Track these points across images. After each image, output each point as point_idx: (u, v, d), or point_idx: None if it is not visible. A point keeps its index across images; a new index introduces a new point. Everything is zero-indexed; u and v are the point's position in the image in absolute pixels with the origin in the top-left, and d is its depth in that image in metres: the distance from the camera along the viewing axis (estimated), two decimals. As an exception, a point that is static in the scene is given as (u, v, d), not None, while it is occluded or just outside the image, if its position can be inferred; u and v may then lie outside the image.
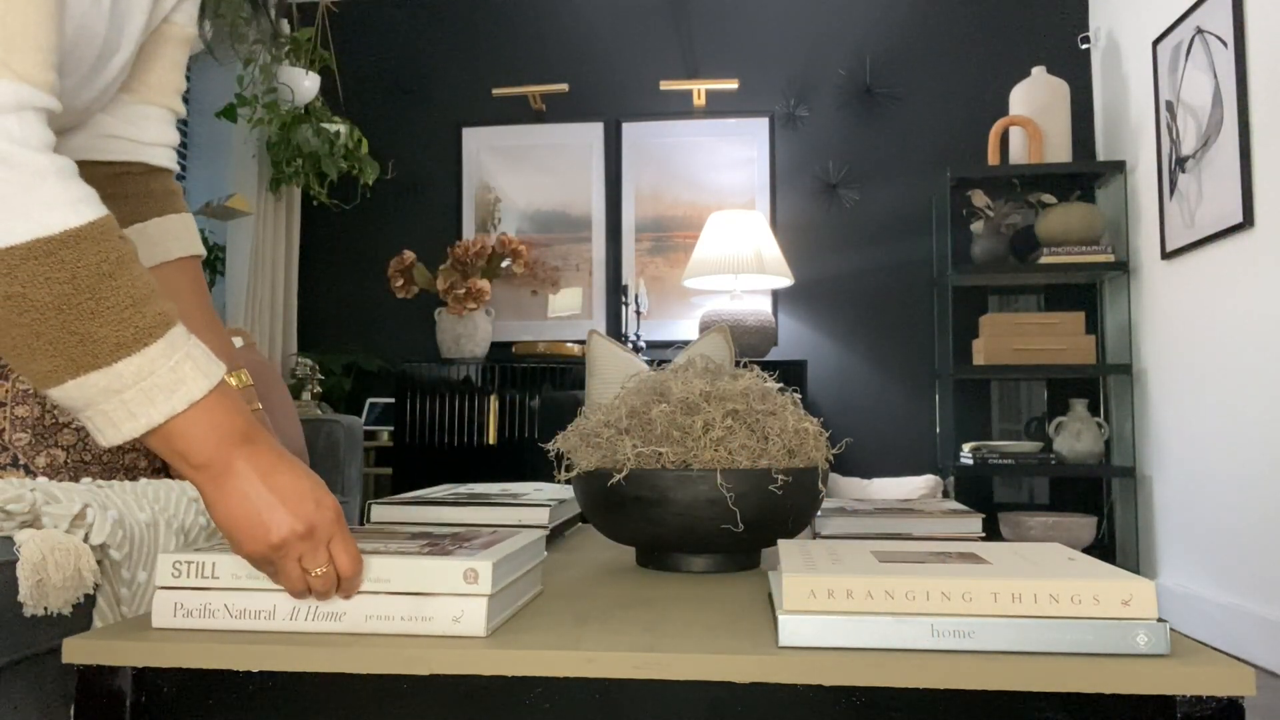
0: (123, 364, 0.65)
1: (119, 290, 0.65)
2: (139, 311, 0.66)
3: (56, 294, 0.63)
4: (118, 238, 0.67)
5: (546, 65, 3.97)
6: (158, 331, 0.66)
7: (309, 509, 0.68)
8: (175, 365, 0.67)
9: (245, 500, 0.67)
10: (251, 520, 0.67)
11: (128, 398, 0.66)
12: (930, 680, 0.63)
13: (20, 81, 0.65)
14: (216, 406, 0.68)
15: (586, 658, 0.66)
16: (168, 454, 0.68)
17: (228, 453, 0.68)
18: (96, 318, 0.64)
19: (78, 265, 0.64)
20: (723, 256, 3.33)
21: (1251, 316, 2.66)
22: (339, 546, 0.69)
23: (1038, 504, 3.64)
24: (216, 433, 0.68)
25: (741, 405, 0.97)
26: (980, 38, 3.77)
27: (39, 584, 1.32)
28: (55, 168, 0.66)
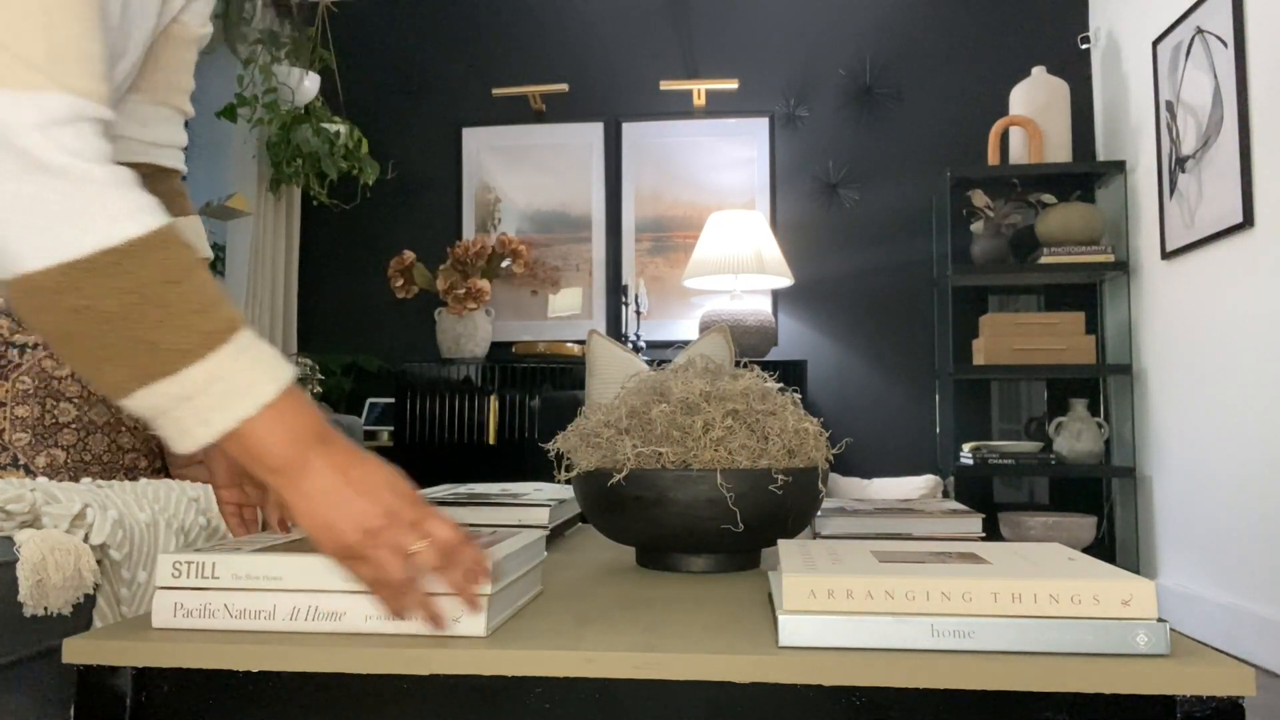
0: (192, 370, 0.65)
1: (185, 297, 0.65)
2: (206, 317, 0.66)
3: (123, 304, 0.63)
4: (181, 245, 0.67)
5: (546, 65, 3.97)
6: (225, 336, 0.66)
7: (388, 496, 0.68)
8: (245, 369, 0.66)
9: (326, 498, 0.67)
10: (335, 516, 0.66)
11: (199, 404, 0.65)
12: (930, 680, 0.63)
13: (72, 94, 0.65)
14: (288, 408, 0.68)
15: (586, 658, 0.66)
16: (246, 459, 0.68)
17: (303, 453, 0.68)
18: (163, 325, 0.64)
19: (142, 274, 0.64)
20: (723, 256, 3.33)
21: (1251, 316, 2.66)
22: (432, 522, 0.68)
23: (1038, 504, 3.64)
24: (290, 434, 0.67)
25: (741, 405, 0.97)
26: (980, 38, 3.77)
27: (39, 584, 1.32)
28: (115, 178, 0.65)
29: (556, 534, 1.26)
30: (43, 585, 1.33)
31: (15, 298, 0.65)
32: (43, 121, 0.64)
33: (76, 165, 0.64)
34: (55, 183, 0.63)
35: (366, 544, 0.66)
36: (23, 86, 0.63)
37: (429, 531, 0.67)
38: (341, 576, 0.71)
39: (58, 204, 0.63)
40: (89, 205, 0.64)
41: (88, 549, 1.41)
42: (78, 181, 0.64)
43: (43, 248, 0.63)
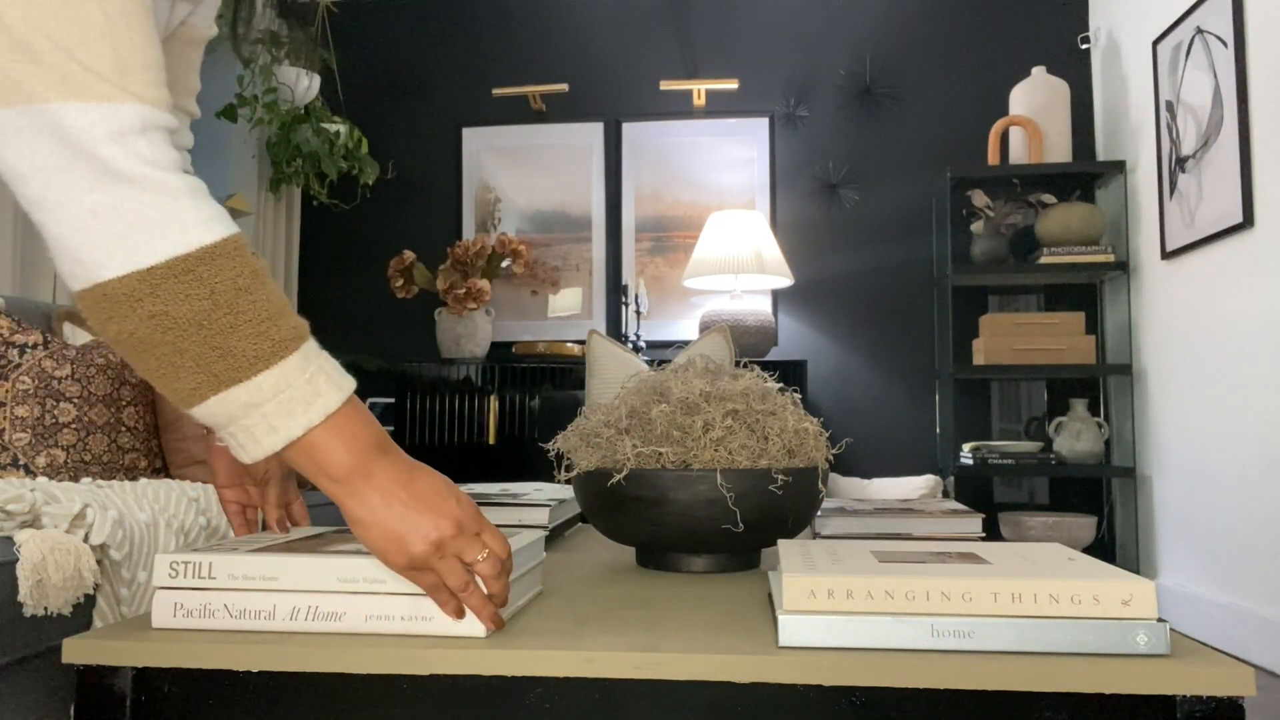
0: (261, 377, 0.66)
1: (255, 304, 0.66)
2: (275, 325, 0.67)
3: (196, 310, 0.65)
4: (249, 253, 0.68)
5: (546, 65, 3.97)
6: (293, 345, 0.67)
7: (452, 506, 0.70)
8: (311, 378, 0.68)
9: (391, 511, 0.68)
10: (401, 530, 0.68)
11: (267, 411, 0.66)
12: (930, 680, 0.63)
13: (141, 102, 0.66)
14: (351, 418, 0.69)
15: (586, 658, 0.66)
16: (309, 469, 0.69)
17: (366, 464, 0.69)
18: (235, 332, 0.65)
19: (215, 281, 0.65)
20: (723, 256, 3.33)
21: (1251, 316, 2.66)
22: (488, 534, 0.71)
23: (1038, 504, 3.64)
24: (353, 444, 0.69)
25: (741, 405, 0.97)
26: (980, 38, 3.77)
27: (39, 584, 1.32)
28: (187, 187, 0.66)
29: (556, 534, 1.26)
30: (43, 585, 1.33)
31: (89, 306, 0.66)
32: (117, 131, 0.64)
33: (151, 174, 0.65)
34: (131, 191, 0.64)
35: (432, 556, 0.68)
36: (95, 97, 0.64)
37: (487, 544, 0.71)
38: (339, 578, 0.71)
39: (133, 213, 0.64)
40: (163, 213, 0.65)
41: (88, 549, 1.41)
42: (152, 190, 0.64)
43: (118, 256, 0.64)
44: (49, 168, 0.64)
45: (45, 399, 2.01)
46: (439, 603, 0.71)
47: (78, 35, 0.64)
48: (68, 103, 0.63)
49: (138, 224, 0.64)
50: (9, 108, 0.64)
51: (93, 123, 0.64)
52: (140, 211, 0.64)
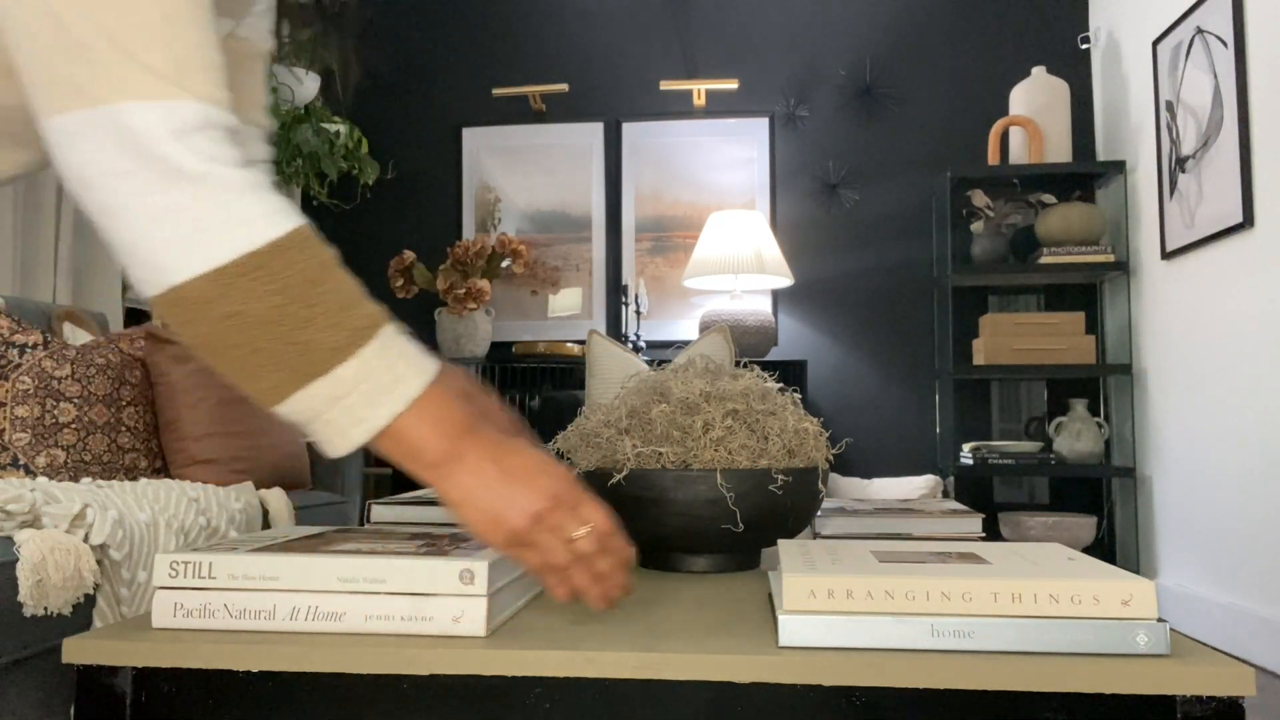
0: (341, 368, 0.65)
1: (328, 295, 0.65)
2: (350, 314, 0.66)
3: (271, 306, 0.63)
4: (318, 244, 0.67)
5: (546, 65, 3.97)
6: (370, 332, 0.66)
7: (546, 479, 0.68)
8: (391, 364, 0.66)
9: (487, 489, 0.67)
10: (498, 507, 0.67)
11: (351, 402, 0.65)
12: (930, 680, 0.63)
13: (201, 100, 0.65)
14: (436, 401, 0.68)
15: (586, 658, 0.66)
16: (401, 456, 0.68)
17: (457, 445, 0.68)
18: (311, 325, 0.64)
19: (287, 275, 0.64)
20: (723, 256, 3.33)
21: (1251, 316, 2.66)
22: (588, 508, 0.69)
23: (1038, 504, 3.64)
24: (441, 427, 0.67)
25: (741, 405, 0.97)
26: (980, 38, 3.77)
27: (39, 584, 1.32)
28: (250, 182, 0.65)
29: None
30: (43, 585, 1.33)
31: (165, 311, 0.65)
32: (178, 129, 0.63)
33: (214, 170, 0.64)
34: (195, 190, 0.63)
35: (533, 530, 0.67)
36: (154, 96, 0.63)
37: (587, 517, 0.68)
38: (339, 578, 0.71)
39: (199, 211, 0.63)
40: (228, 210, 0.64)
41: (88, 549, 1.41)
42: (216, 187, 0.64)
43: (189, 258, 0.63)
44: (114, 172, 0.63)
45: (45, 399, 2.01)
46: (547, 586, 0.69)
47: (136, 35, 0.63)
48: (128, 102, 0.63)
49: (204, 223, 0.63)
50: (70, 112, 0.63)
51: (154, 122, 0.63)
52: (204, 210, 0.63)
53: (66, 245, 2.71)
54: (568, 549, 0.68)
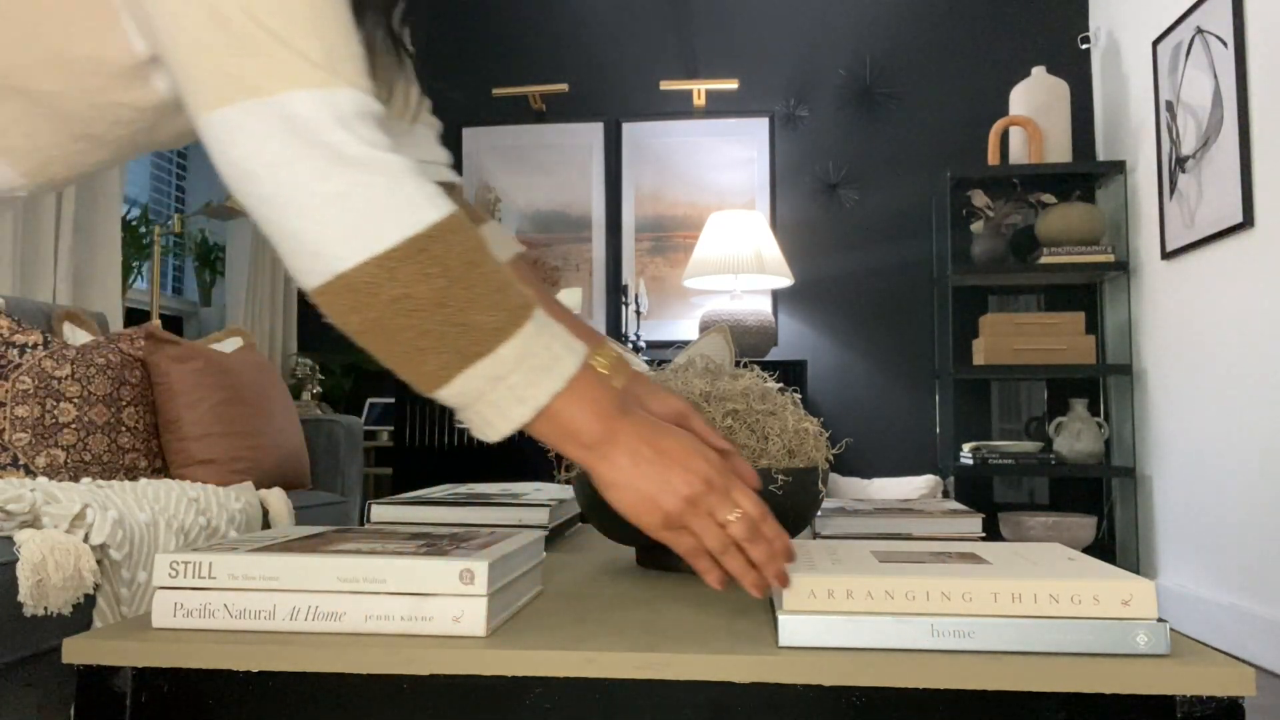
0: (504, 348, 0.65)
1: (486, 277, 0.66)
2: (506, 295, 0.66)
3: (435, 288, 0.64)
4: (472, 227, 0.68)
5: (546, 65, 3.97)
6: (527, 312, 0.66)
7: (700, 462, 0.68)
8: (548, 344, 0.67)
9: (641, 471, 0.68)
10: (652, 489, 0.67)
11: (513, 382, 0.66)
12: (930, 680, 0.63)
13: (355, 88, 0.65)
14: (590, 381, 0.68)
15: (586, 658, 0.66)
16: (557, 438, 0.68)
17: (612, 426, 0.68)
18: (472, 306, 0.65)
19: (448, 258, 0.64)
20: (723, 256, 3.33)
21: (1251, 316, 2.66)
22: (739, 492, 0.69)
23: (1038, 504, 3.64)
24: (596, 407, 0.68)
25: (741, 405, 0.97)
26: (980, 38, 3.77)
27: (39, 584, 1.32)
28: (407, 166, 0.66)
29: (556, 534, 1.26)
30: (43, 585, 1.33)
31: (330, 300, 0.65)
32: (340, 116, 0.64)
33: (377, 156, 0.64)
34: (360, 176, 0.63)
35: (688, 513, 0.67)
36: (315, 84, 0.63)
37: (739, 501, 0.68)
38: (339, 578, 0.71)
39: (363, 198, 0.63)
40: (392, 195, 0.64)
41: (88, 549, 1.41)
42: (379, 172, 0.64)
43: (354, 243, 0.63)
44: (278, 162, 0.63)
45: (45, 399, 2.01)
46: (700, 570, 0.69)
47: (290, 24, 0.63)
48: (292, 92, 0.63)
49: (369, 209, 0.63)
50: (231, 104, 0.63)
51: (318, 109, 0.63)
52: (370, 195, 0.63)
53: (66, 245, 2.71)
54: (720, 534, 0.67)
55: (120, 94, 0.73)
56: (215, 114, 0.64)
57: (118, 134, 0.77)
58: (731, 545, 0.68)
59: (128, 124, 0.76)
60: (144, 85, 0.73)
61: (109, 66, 0.71)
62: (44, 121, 0.74)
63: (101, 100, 0.73)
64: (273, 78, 0.63)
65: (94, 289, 2.86)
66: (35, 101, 0.73)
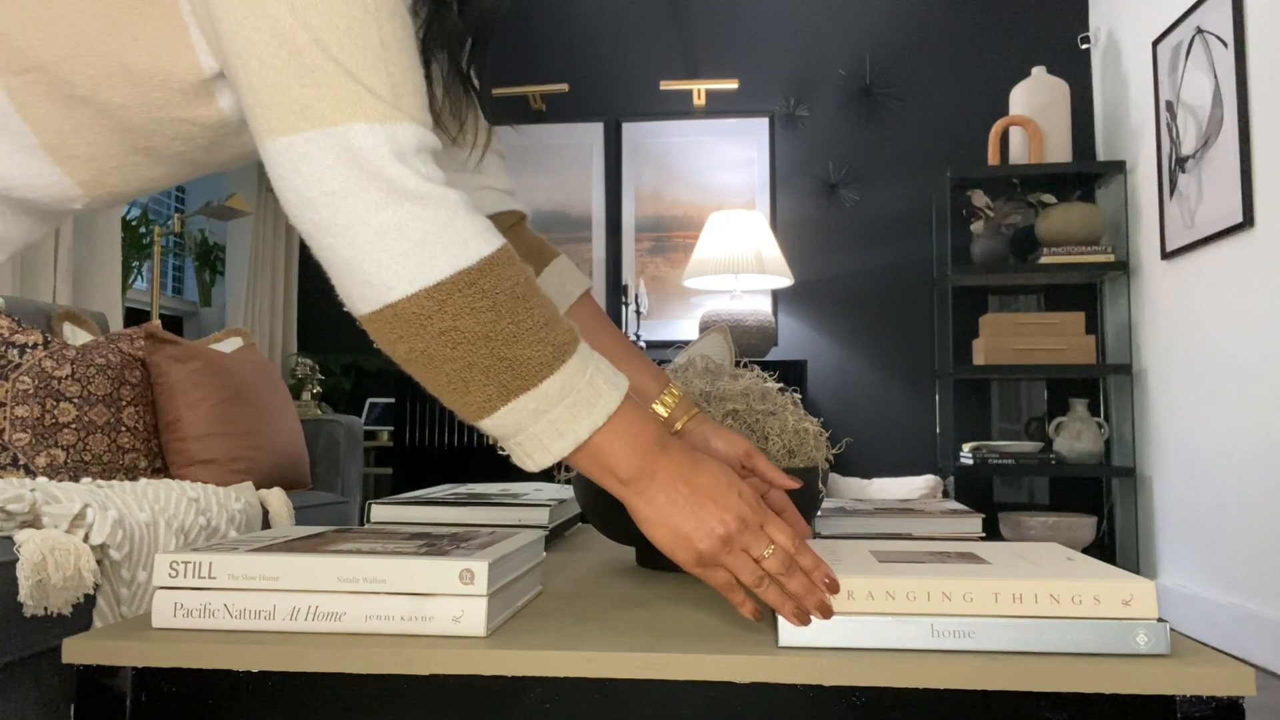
0: (547, 383, 0.67)
1: (533, 312, 0.67)
2: (552, 330, 0.68)
3: (482, 322, 0.65)
4: (520, 261, 0.69)
5: (546, 65, 3.97)
6: (571, 348, 0.68)
7: (734, 500, 0.70)
8: (590, 380, 0.68)
9: (678, 507, 0.69)
10: (688, 527, 0.69)
11: (555, 416, 0.67)
12: (930, 680, 0.63)
13: (417, 123, 0.67)
14: (631, 416, 0.70)
15: (586, 658, 0.66)
16: (597, 472, 0.70)
17: (651, 462, 0.70)
18: (519, 341, 0.66)
19: (496, 292, 0.66)
20: (723, 256, 3.33)
21: (1251, 316, 2.66)
22: (772, 527, 0.70)
23: (1038, 504, 3.64)
24: (637, 443, 0.69)
25: (741, 405, 0.97)
26: (980, 38, 3.77)
27: (39, 584, 1.32)
28: (461, 200, 0.67)
29: (556, 534, 1.26)
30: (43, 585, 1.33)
31: (379, 328, 0.67)
32: (400, 150, 0.65)
33: (433, 190, 0.66)
34: (415, 209, 0.65)
35: (721, 551, 0.69)
36: (379, 118, 0.65)
37: (772, 536, 0.70)
38: (339, 578, 0.71)
39: (418, 230, 0.65)
40: (445, 229, 0.65)
41: (88, 549, 1.41)
42: (434, 205, 0.65)
43: (406, 275, 0.65)
44: (337, 191, 0.64)
45: (45, 399, 2.01)
46: (735, 603, 0.70)
47: (359, 58, 0.65)
48: (355, 124, 0.64)
49: (422, 241, 0.64)
50: (296, 133, 0.64)
51: (379, 142, 0.64)
52: (424, 229, 0.65)
53: (66, 245, 2.71)
54: (755, 569, 0.69)
55: (184, 110, 0.74)
56: (280, 141, 0.65)
57: (177, 149, 0.77)
58: (766, 579, 0.69)
59: (187, 140, 0.77)
60: (208, 102, 0.74)
61: (175, 81, 0.72)
62: (107, 132, 0.75)
63: (164, 115, 0.74)
64: (338, 109, 0.64)
65: (94, 289, 2.86)
66: (99, 112, 0.73)
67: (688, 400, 0.92)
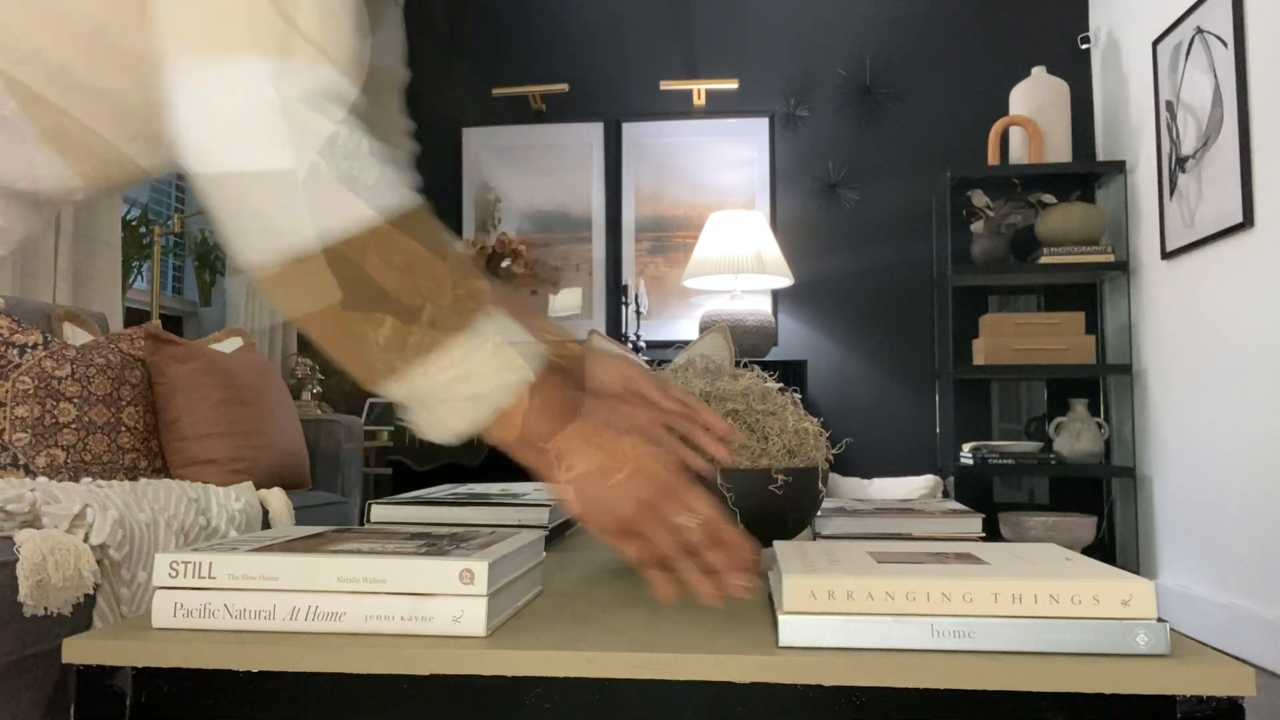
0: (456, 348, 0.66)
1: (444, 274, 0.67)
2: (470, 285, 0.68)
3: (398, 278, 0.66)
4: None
5: (546, 65, 3.97)
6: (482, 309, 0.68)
7: (655, 468, 0.68)
8: (505, 349, 0.67)
9: (594, 476, 0.68)
10: (608, 493, 0.67)
11: (469, 387, 0.67)
12: (930, 680, 0.63)
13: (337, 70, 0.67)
14: (545, 386, 0.69)
15: (586, 658, 0.66)
16: (510, 439, 0.68)
17: (566, 430, 0.69)
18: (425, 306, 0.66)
19: (409, 247, 0.67)
20: (723, 256, 3.33)
21: (1251, 316, 2.66)
22: (695, 498, 0.69)
23: (1038, 504, 3.64)
24: (551, 412, 0.68)
25: (741, 405, 0.97)
26: (980, 38, 3.77)
27: (39, 584, 1.32)
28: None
29: (556, 534, 1.26)
30: (43, 585, 1.33)
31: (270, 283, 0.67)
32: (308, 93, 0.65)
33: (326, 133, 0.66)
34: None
35: (640, 518, 0.67)
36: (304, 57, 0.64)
37: (692, 506, 0.68)
38: (339, 578, 0.71)
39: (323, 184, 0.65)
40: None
41: (88, 549, 1.41)
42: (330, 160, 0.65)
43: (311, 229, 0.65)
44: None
45: (45, 399, 2.01)
46: (651, 582, 0.68)
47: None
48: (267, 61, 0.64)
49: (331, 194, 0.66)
50: (205, 67, 0.63)
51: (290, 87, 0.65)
52: None
53: (66, 246, 2.71)
54: (674, 540, 0.67)
55: None
56: (181, 73, 0.63)
57: None
58: (686, 553, 0.67)
59: None
60: None
61: None
62: (106, 120, 0.75)
63: (158, 98, 0.74)
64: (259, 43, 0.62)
65: (94, 289, 2.86)
66: (98, 98, 0.73)
67: (566, 339, 0.88)
